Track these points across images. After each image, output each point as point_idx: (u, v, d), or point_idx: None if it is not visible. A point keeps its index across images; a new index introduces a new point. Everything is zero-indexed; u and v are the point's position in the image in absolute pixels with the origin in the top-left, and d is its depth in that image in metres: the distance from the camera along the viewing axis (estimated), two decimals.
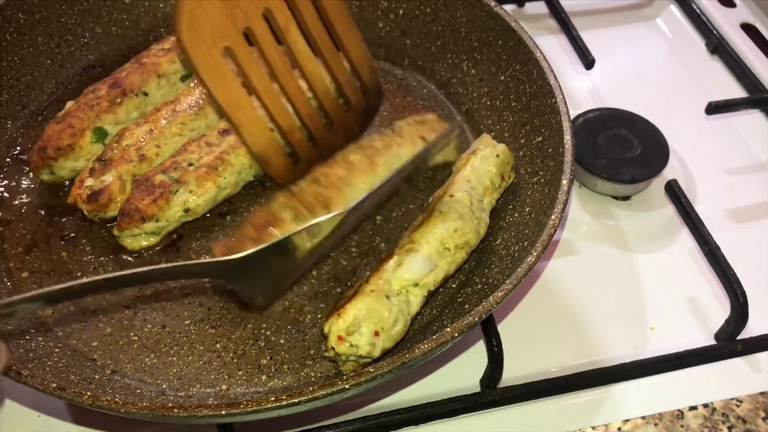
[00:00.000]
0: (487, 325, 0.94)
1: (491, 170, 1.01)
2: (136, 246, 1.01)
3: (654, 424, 0.94)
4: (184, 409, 0.75)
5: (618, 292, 1.07)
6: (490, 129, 1.14)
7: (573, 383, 0.96)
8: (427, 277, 0.89)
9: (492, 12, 1.15)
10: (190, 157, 1.03)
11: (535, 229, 0.94)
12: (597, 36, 1.41)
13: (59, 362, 0.88)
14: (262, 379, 0.90)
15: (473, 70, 1.20)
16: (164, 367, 0.91)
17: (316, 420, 0.91)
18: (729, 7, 1.50)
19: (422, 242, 0.91)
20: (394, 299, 0.87)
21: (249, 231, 0.91)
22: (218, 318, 0.95)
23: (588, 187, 1.19)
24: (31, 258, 1.00)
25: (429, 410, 0.92)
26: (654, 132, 1.19)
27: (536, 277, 1.08)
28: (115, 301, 0.96)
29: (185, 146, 1.04)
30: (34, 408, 0.93)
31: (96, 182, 1.01)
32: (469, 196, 0.97)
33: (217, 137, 1.05)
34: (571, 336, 1.02)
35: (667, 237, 1.14)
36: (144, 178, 1.01)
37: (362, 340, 0.83)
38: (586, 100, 1.33)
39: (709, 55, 1.42)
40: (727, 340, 1.01)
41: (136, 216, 0.98)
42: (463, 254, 0.94)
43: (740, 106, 1.28)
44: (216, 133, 1.06)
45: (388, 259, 0.91)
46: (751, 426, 0.94)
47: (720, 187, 1.21)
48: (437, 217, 0.93)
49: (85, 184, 1.01)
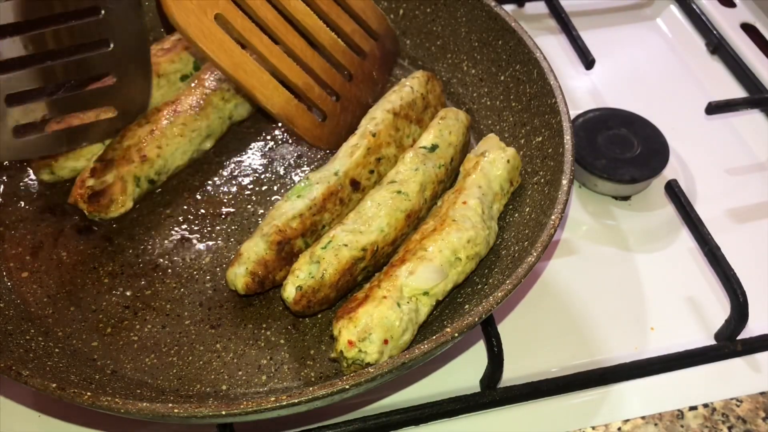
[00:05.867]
0: (487, 325, 0.94)
1: (501, 175, 1.01)
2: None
3: (654, 424, 0.94)
4: (184, 409, 0.75)
5: (618, 292, 1.07)
6: (490, 129, 1.14)
7: (573, 383, 0.96)
8: (437, 286, 0.90)
9: (492, 12, 1.15)
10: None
11: (535, 229, 0.94)
12: (597, 36, 1.41)
13: (59, 362, 0.88)
14: (262, 379, 0.90)
15: (473, 70, 1.20)
16: (164, 367, 0.91)
17: (316, 420, 0.91)
18: (729, 7, 1.50)
19: (435, 251, 0.91)
20: (405, 307, 0.87)
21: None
22: (218, 318, 0.95)
23: (588, 187, 1.19)
24: (31, 258, 1.00)
25: (429, 410, 0.92)
26: (654, 132, 1.19)
27: (536, 277, 1.08)
28: (115, 301, 0.96)
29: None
30: (34, 408, 0.93)
31: (97, 182, 1.01)
32: (480, 203, 0.96)
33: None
34: (571, 336, 1.02)
35: (667, 237, 1.14)
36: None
37: (372, 347, 0.84)
38: (586, 100, 1.33)
39: (709, 55, 1.42)
40: (727, 340, 1.01)
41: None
42: (472, 265, 0.94)
43: (740, 106, 1.28)
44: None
45: (400, 264, 0.91)
46: (751, 426, 0.94)
47: (720, 187, 1.21)
48: (451, 225, 0.93)
49: (87, 185, 1.01)
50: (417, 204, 0.98)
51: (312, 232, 0.97)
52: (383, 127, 1.04)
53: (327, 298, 0.92)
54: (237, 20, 0.96)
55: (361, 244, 0.92)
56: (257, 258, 0.93)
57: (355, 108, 1.04)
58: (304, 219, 0.96)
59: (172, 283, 0.98)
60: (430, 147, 1.03)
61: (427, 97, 1.10)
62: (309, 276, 0.90)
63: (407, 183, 0.98)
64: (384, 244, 0.95)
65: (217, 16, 0.94)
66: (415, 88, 1.09)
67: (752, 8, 1.50)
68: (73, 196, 1.02)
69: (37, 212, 1.05)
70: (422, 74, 1.12)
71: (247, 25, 0.97)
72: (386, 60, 1.13)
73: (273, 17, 1.00)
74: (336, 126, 1.03)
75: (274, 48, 1.01)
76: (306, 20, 1.03)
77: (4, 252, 1.00)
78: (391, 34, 1.13)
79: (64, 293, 0.97)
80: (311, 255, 0.92)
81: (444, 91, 1.15)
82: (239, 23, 0.96)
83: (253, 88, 0.99)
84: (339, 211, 0.99)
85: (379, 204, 0.96)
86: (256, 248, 0.93)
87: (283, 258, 0.95)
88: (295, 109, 1.02)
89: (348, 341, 0.84)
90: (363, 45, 1.09)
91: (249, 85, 0.98)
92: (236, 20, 0.96)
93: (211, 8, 0.94)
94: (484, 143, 1.05)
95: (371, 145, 1.02)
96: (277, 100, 1.01)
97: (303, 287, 0.90)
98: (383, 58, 1.12)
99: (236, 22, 0.96)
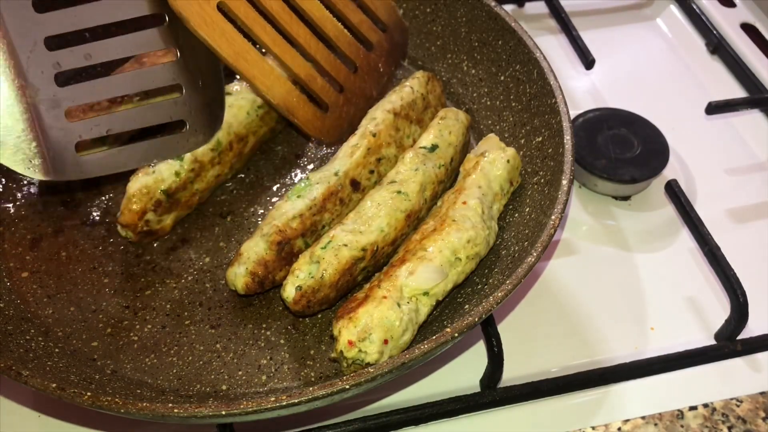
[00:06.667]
0: (487, 325, 0.94)
1: (501, 175, 1.01)
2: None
3: (654, 424, 0.94)
4: (184, 409, 0.75)
5: (618, 292, 1.07)
6: (490, 129, 1.14)
7: (573, 383, 0.96)
8: (437, 287, 0.90)
9: (492, 12, 1.15)
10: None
11: (535, 229, 0.94)
12: (597, 36, 1.41)
13: (59, 362, 0.88)
14: (262, 379, 0.90)
15: (473, 70, 1.20)
16: (164, 367, 0.91)
17: (316, 420, 0.91)
18: (729, 7, 1.50)
19: (435, 251, 0.91)
20: (405, 307, 0.87)
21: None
22: (218, 318, 0.95)
23: (588, 187, 1.19)
24: (31, 258, 1.00)
25: (429, 410, 0.92)
26: (654, 132, 1.19)
27: (536, 277, 1.08)
28: (115, 301, 0.96)
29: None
30: (34, 408, 0.93)
31: (155, 220, 0.99)
32: (480, 203, 0.96)
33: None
34: (571, 336, 1.02)
35: (667, 237, 1.14)
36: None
37: (372, 347, 0.84)
38: (586, 100, 1.33)
39: (709, 55, 1.42)
40: (727, 340, 1.01)
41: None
42: (472, 265, 0.94)
43: (740, 106, 1.28)
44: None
45: (400, 264, 0.91)
46: (751, 426, 0.94)
47: (720, 187, 1.21)
48: (451, 225, 0.93)
49: (146, 217, 0.98)
50: (417, 204, 0.98)
51: (312, 232, 0.97)
52: (383, 127, 1.04)
53: (327, 298, 0.92)
54: (240, 9, 0.95)
55: (361, 244, 0.92)
56: (257, 258, 0.93)
57: (359, 100, 1.03)
58: (304, 219, 0.96)
59: (172, 283, 0.98)
60: (430, 147, 1.03)
61: (427, 98, 1.10)
62: (309, 276, 0.90)
63: (407, 183, 0.98)
64: (384, 244, 0.95)
65: (220, 4, 0.94)
66: (415, 88, 1.09)
67: (752, 8, 1.50)
68: (126, 218, 0.97)
69: (37, 212, 1.05)
70: (422, 74, 1.12)
71: (251, 14, 0.96)
72: (394, 52, 1.12)
73: (278, 6, 0.99)
74: (338, 118, 1.02)
75: (277, 37, 1.00)
76: (312, 10, 1.02)
77: (4, 252, 1.00)
78: (401, 26, 1.12)
79: (64, 293, 0.97)
80: (311, 255, 0.92)
81: (444, 91, 1.15)
82: (242, 11, 0.95)
83: (254, 77, 0.98)
84: (339, 211, 0.99)
85: (379, 204, 0.96)
86: (256, 248, 0.93)
87: (283, 258, 0.94)
88: (296, 100, 1.02)
89: (348, 341, 0.84)
90: (370, 36, 1.08)
91: (250, 75, 0.98)
92: (239, 9, 0.95)
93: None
94: (484, 143, 1.05)
95: (371, 145, 1.02)
96: (278, 90, 1.01)
97: (303, 287, 0.90)
98: (391, 50, 1.11)
99: (239, 11, 0.95)
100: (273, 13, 0.98)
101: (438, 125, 1.05)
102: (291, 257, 0.95)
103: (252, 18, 0.97)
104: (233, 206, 1.07)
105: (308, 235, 0.97)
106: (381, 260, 0.96)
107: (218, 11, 0.94)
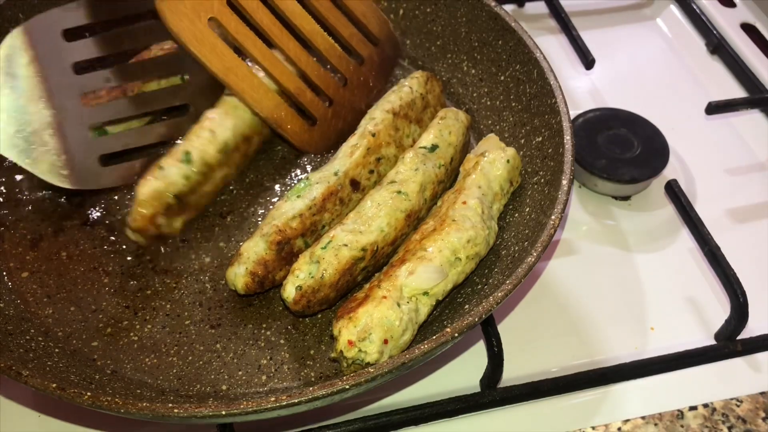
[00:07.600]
0: (487, 325, 0.94)
1: (501, 175, 1.01)
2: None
3: (654, 424, 0.94)
4: (184, 409, 0.75)
5: (618, 292, 1.07)
6: (490, 129, 1.14)
7: (573, 383, 0.96)
8: (437, 286, 0.90)
9: (492, 12, 1.15)
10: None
11: (535, 229, 0.94)
12: (597, 36, 1.41)
13: (59, 362, 0.88)
14: (262, 379, 0.90)
15: (473, 70, 1.20)
16: (164, 367, 0.91)
17: (316, 420, 0.91)
18: (729, 7, 1.50)
19: (435, 251, 0.91)
20: (405, 307, 0.87)
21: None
22: (218, 318, 0.95)
23: (588, 187, 1.19)
24: (31, 258, 1.00)
25: (429, 410, 0.92)
26: (654, 132, 1.19)
27: (536, 277, 1.08)
28: (115, 301, 0.96)
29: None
30: (34, 408, 0.93)
31: (166, 223, 0.99)
32: (480, 203, 0.96)
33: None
34: (571, 336, 1.02)
35: (667, 237, 1.14)
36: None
37: (372, 347, 0.84)
38: (586, 100, 1.33)
39: (709, 55, 1.42)
40: (727, 340, 1.01)
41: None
42: (472, 265, 0.94)
43: (740, 106, 1.28)
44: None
45: (400, 264, 0.91)
46: (751, 426, 0.94)
47: (720, 187, 1.21)
48: (451, 225, 0.93)
49: (158, 222, 0.98)
50: (417, 204, 0.98)
51: (312, 232, 0.97)
52: (383, 127, 1.04)
53: (327, 298, 0.92)
54: (231, 24, 0.97)
55: (361, 244, 0.92)
56: (257, 258, 0.93)
57: (347, 114, 1.05)
58: (304, 219, 0.96)
59: (172, 283, 0.98)
60: (430, 147, 1.03)
61: (426, 97, 1.10)
62: (309, 276, 0.90)
63: (407, 183, 0.98)
64: (384, 244, 0.95)
65: (210, 20, 0.95)
66: (414, 88, 1.09)
67: (752, 8, 1.50)
68: (138, 222, 0.97)
69: (38, 212, 1.05)
70: (421, 74, 1.12)
71: (241, 29, 0.98)
72: (384, 66, 1.13)
73: (268, 21, 1.00)
74: (326, 131, 1.04)
75: (267, 52, 1.01)
76: (302, 24, 1.03)
77: (4, 252, 1.00)
78: (393, 40, 1.13)
79: (64, 293, 0.97)
80: (311, 255, 0.92)
81: (444, 91, 1.15)
82: (233, 27, 0.97)
83: (243, 91, 1.00)
84: (339, 211, 0.99)
85: (379, 204, 0.96)
86: (256, 248, 0.93)
87: (283, 258, 0.95)
88: (284, 113, 1.03)
89: (348, 341, 0.84)
90: (361, 50, 1.09)
91: (239, 89, 1.00)
92: (230, 24, 0.97)
93: (205, 12, 0.95)
94: (484, 143, 1.05)
95: (371, 145, 1.02)
96: (266, 104, 1.02)
97: (303, 287, 0.90)
98: (382, 63, 1.12)
99: (230, 26, 0.97)
100: (263, 27, 1.00)
101: (438, 125, 1.05)
102: (291, 257, 0.95)
103: (242, 33, 0.98)
104: (233, 206, 1.07)
105: (308, 235, 0.97)
106: (381, 260, 0.96)
107: (209, 26, 0.95)
